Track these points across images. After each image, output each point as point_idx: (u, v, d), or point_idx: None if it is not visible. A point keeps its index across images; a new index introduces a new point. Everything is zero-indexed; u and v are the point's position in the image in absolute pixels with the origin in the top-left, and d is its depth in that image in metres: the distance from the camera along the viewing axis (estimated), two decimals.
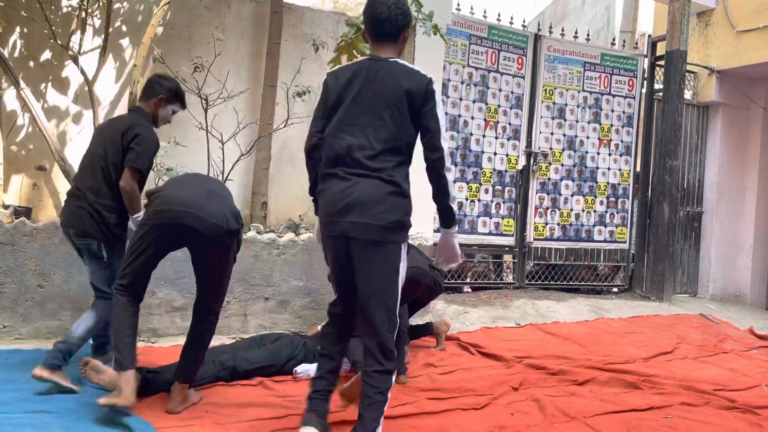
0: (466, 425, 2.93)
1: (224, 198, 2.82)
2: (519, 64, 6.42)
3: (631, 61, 7.01)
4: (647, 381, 3.77)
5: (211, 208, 2.69)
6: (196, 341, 2.88)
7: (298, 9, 5.68)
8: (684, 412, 3.29)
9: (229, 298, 4.33)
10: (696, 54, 7.46)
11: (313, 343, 3.66)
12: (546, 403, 3.22)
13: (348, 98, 2.50)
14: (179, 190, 2.77)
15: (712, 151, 7.61)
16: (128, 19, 5.08)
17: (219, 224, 2.68)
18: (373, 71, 2.50)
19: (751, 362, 4.54)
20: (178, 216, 2.67)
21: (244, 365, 3.36)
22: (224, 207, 2.75)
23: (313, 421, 2.46)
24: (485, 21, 6.23)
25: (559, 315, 5.67)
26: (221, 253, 2.77)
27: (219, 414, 2.81)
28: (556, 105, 6.65)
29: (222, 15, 5.37)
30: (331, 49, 5.10)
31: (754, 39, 6.91)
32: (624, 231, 7.03)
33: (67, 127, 4.92)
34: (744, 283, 7.63)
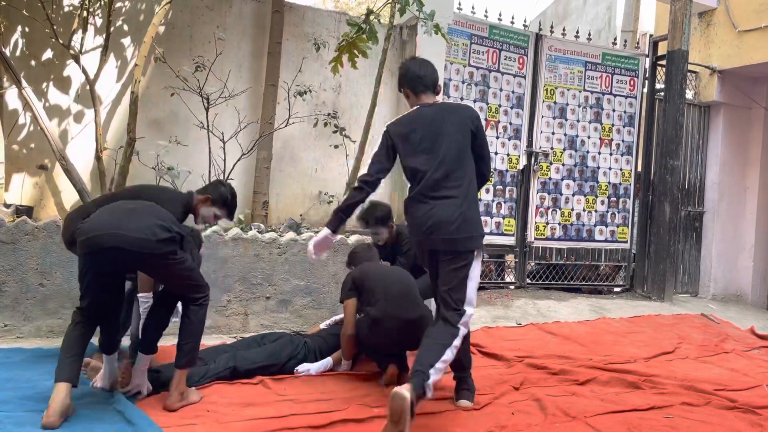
0: (467, 425, 2.93)
1: (148, 213, 2.78)
2: (520, 64, 6.42)
3: (633, 61, 7.00)
4: (648, 381, 3.76)
5: (133, 224, 2.67)
6: (186, 326, 2.89)
7: (300, 8, 5.67)
8: (685, 412, 3.29)
9: (230, 297, 4.33)
10: (697, 54, 7.45)
11: (314, 343, 3.66)
12: (547, 403, 3.22)
13: (414, 140, 3.03)
14: (99, 216, 2.75)
15: (713, 150, 7.61)
16: (130, 18, 5.08)
17: (145, 237, 2.65)
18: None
19: (752, 362, 4.54)
20: (99, 241, 2.66)
21: (244, 365, 3.36)
22: (149, 221, 2.71)
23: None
24: (486, 20, 6.23)
25: (560, 315, 5.67)
26: (162, 261, 2.74)
27: (220, 413, 2.81)
28: (557, 104, 6.65)
29: (223, 14, 5.37)
30: (332, 49, 5.10)
31: (756, 39, 6.90)
32: (625, 231, 7.03)
33: (69, 126, 4.92)
34: (745, 283, 7.63)
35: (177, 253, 2.78)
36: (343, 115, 5.69)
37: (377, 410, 2.95)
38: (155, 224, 2.72)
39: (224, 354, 3.41)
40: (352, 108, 5.86)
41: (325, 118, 5.37)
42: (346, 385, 3.35)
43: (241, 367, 3.34)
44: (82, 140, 4.92)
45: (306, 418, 2.76)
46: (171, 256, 2.75)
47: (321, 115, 5.40)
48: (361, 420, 2.82)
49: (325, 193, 5.63)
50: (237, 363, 3.34)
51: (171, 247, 2.75)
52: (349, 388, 3.31)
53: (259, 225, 4.95)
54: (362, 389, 3.29)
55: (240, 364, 3.35)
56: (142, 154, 4.67)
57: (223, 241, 4.29)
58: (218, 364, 3.30)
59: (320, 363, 3.55)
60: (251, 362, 3.39)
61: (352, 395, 3.16)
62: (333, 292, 4.53)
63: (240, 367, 3.34)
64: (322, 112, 5.50)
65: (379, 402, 3.07)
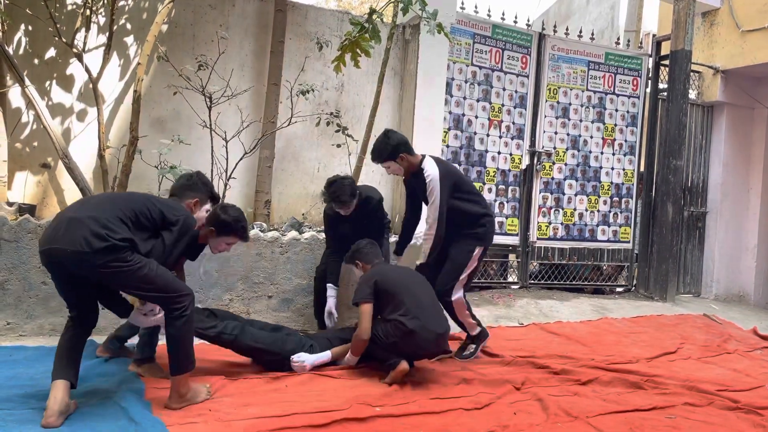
0: (468, 424, 2.92)
1: (84, 222, 2.59)
2: (523, 63, 6.41)
3: (636, 61, 6.99)
4: (650, 381, 3.76)
5: (68, 236, 2.56)
6: (169, 337, 2.80)
7: (302, 7, 5.67)
8: (687, 413, 3.29)
9: (231, 296, 4.34)
10: (701, 54, 7.44)
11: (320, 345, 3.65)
12: (549, 403, 3.22)
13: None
14: (46, 230, 2.68)
15: (716, 151, 7.59)
16: (133, 16, 5.08)
17: (80, 250, 2.52)
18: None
19: (754, 363, 4.53)
20: (47, 255, 2.63)
21: (246, 340, 3.37)
22: (83, 231, 2.56)
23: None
24: (489, 20, 6.22)
25: (562, 315, 5.66)
26: (109, 272, 2.59)
27: (222, 412, 2.81)
28: (560, 104, 6.64)
29: (226, 13, 5.37)
30: (334, 48, 5.10)
31: (759, 39, 6.89)
32: (627, 231, 7.02)
33: (72, 125, 4.92)
34: (748, 283, 7.61)
35: (125, 261, 2.59)
36: (345, 115, 5.69)
37: (379, 409, 2.95)
38: (90, 233, 2.54)
39: (233, 321, 3.43)
40: (354, 107, 5.86)
41: (327, 117, 5.37)
42: (347, 384, 3.35)
43: (242, 341, 3.35)
44: (85, 139, 4.93)
45: (307, 417, 2.76)
46: (113, 264, 2.57)
47: (323, 114, 5.40)
48: (363, 419, 2.83)
49: None
50: (241, 336, 3.35)
51: (110, 256, 2.56)
52: (350, 387, 3.31)
53: (261, 224, 4.95)
54: (363, 388, 3.29)
55: (243, 339, 3.36)
56: (144, 153, 4.67)
57: None
58: (226, 327, 3.32)
59: (317, 355, 3.54)
60: (254, 341, 3.40)
61: (354, 394, 3.16)
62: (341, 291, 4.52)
63: (241, 341, 3.35)
64: (324, 111, 5.50)
65: (380, 401, 3.07)
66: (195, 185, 3.20)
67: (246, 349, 3.37)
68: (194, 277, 4.21)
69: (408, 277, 3.69)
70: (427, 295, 3.60)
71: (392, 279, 3.57)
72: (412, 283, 3.62)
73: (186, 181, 3.22)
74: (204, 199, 3.22)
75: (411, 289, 3.53)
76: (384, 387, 3.31)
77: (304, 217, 5.57)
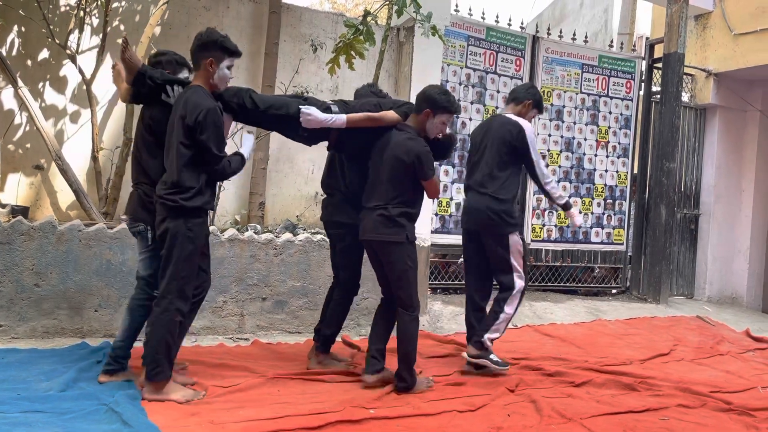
0: (462, 426, 2.93)
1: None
2: (517, 66, 6.43)
3: (629, 64, 7.02)
4: (644, 383, 3.77)
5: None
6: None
7: (297, 9, 5.68)
8: (680, 414, 3.30)
9: (225, 298, 4.33)
10: (693, 56, 7.48)
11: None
12: (543, 405, 3.22)
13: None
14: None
15: (709, 153, 7.63)
16: (126, 18, 5.07)
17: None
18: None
19: (747, 364, 4.55)
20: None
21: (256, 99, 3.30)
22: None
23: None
24: (483, 22, 6.23)
25: (556, 316, 5.67)
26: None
27: (215, 414, 2.80)
28: (554, 107, 6.66)
29: (221, 15, 5.37)
30: (329, 50, 5.10)
31: (752, 42, 6.93)
32: (621, 233, 7.04)
33: (65, 126, 4.90)
34: (740, 285, 7.65)
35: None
36: None
37: (373, 411, 2.96)
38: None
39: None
40: None
41: None
42: (341, 387, 3.35)
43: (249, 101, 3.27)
44: (79, 140, 4.91)
45: (301, 420, 2.76)
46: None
47: None
48: (357, 421, 2.82)
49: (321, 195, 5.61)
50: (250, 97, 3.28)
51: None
52: (344, 389, 3.31)
53: (255, 226, 4.95)
54: (357, 391, 3.29)
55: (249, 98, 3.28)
56: None
57: (219, 241, 4.29)
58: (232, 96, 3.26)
59: (330, 115, 3.30)
60: (263, 101, 3.32)
61: (348, 397, 3.16)
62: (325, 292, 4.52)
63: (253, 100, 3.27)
64: None
65: (374, 404, 3.07)
66: (205, 45, 3.04)
67: (254, 110, 3.27)
68: None
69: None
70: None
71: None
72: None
73: (196, 42, 3.07)
74: (219, 56, 3.04)
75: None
76: (378, 389, 3.31)
77: (299, 219, 5.57)
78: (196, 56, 3.06)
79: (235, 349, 3.94)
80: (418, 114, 3.44)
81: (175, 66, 3.32)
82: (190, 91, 3.01)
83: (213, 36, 3.04)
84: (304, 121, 3.23)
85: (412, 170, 3.32)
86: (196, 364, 3.50)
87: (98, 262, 3.97)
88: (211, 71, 3.03)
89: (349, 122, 3.31)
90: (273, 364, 3.62)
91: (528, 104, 3.96)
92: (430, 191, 3.43)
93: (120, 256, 4.03)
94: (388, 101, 3.70)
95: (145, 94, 3.14)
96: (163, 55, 3.37)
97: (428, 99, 3.39)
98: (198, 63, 3.06)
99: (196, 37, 3.08)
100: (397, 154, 3.33)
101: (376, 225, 3.32)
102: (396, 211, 3.31)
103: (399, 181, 3.34)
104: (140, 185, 3.19)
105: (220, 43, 3.03)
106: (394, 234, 3.31)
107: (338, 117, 3.29)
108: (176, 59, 3.36)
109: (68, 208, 4.83)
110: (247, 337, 4.30)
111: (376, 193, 3.38)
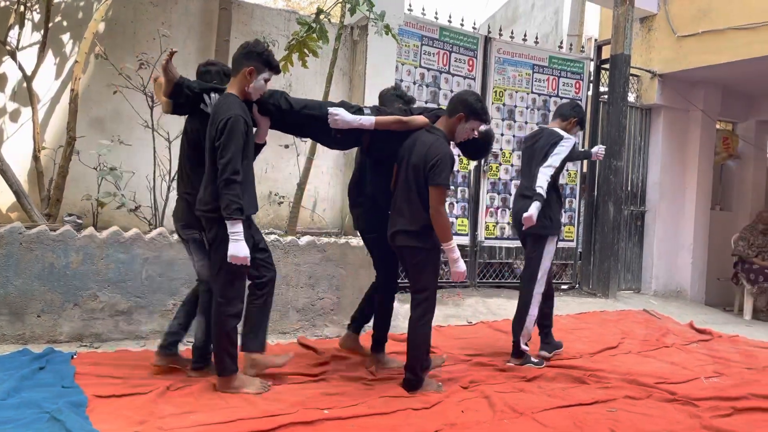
0: (417, 424, 2.94)
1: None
2: (470, 66, 6.49)
3: (578, 64, 7.18)
4: (593, 375, 3.87)
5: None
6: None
7: (248, 6, 5.59)
8: (628, 405, 3.40)
9: (176, 300, 4.21)
10: (639, 58, 7.70)
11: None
12: (495, 400, 3.27)
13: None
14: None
15: (654, 152, 7.88)
16: (69, 13, 4.89)
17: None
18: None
19: (691, 356, 4.72)
20: None
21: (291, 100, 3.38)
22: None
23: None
24: (437, 22, 6.27)
25: (509, 313, 5.71)
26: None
27: (165, 420, 2.73)
28: (506, 106, 6.76)
29: (168, 11, 5.24)
30: (282, 48, 5.05)
31: (694, 44, 7.18)
32: (572, 230, 7.19)
33: (5, 125, 4.70)
34: (685, 279, 7.92)
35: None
36: None
37: (327, 412, 2.94)
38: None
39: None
40: None
41: None
42: (294, 388, 3.32)
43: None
44: (19, 140, 4.71)
45: (253, 423, 2.72)
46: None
47: None
48: (311, 422, 2.80)
49: (276, 194, 5.55)
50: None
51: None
52: (297, 390, 3.27)
53: None
54: (311, 391, 3.26)
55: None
56: (82, 154, 4.51)
57: (168, 243, 4.19)
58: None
59: (359, 116, 3.36)
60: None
61: (301, 398, 3.13)
62: (282, 293, 4.47)
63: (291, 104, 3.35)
64: None
65: (328, 404, 3.05)
66: (249, 54, 3.16)
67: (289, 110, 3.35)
68: (136, 282, 4.09)
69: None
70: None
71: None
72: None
73: (241, 50, 3.19)
74: (260, 68, 3.15)
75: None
76: (332, 390, 3.29)
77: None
78: (237, 63, 3.17)
79: (185, 353, 3.84)
80: (450, 117, 3.49)
81: (222, 77, 3.45)
82: (222, 99, 3.14)
83: (258, 48, 3.19)
84: (331, 121, 3.29)
85: (428, 172, 3.31)
86: (145, 368, 3.41)
87: (40, 266, 3.83)
88: (248, 80, 3.14)
89: (378, 124, 3.37)
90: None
91: (573, 121, 4.40)
92: (434, 198, 3.29)
93: (63, 259, 3.89)
94: (418, 107, 3.86)
95: (184, 105, 3.30)
96: (213, 65, 3.54)
97: (464, 103, 3.45)
98: (238, 70, 3.16)
99: (242, 45, 3.22)
100: (421, 153, 3.35)
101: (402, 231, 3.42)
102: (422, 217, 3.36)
103: (423, 186, 3.35)
104: (187, 194, 3.34)
105: (265, 56, 3.17)
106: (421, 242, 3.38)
107: (366, 118, 3.35)
108: (224, 70, 3.51)
109: (8, 210, 4.64)
110: None
111: (403, 195, 3.43)
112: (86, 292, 3.95)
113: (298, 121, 3.41)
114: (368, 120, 3.34)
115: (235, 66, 3.18)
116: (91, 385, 3.06)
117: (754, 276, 7.28)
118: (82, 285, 3.94)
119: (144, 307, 4.12)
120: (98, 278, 3.98)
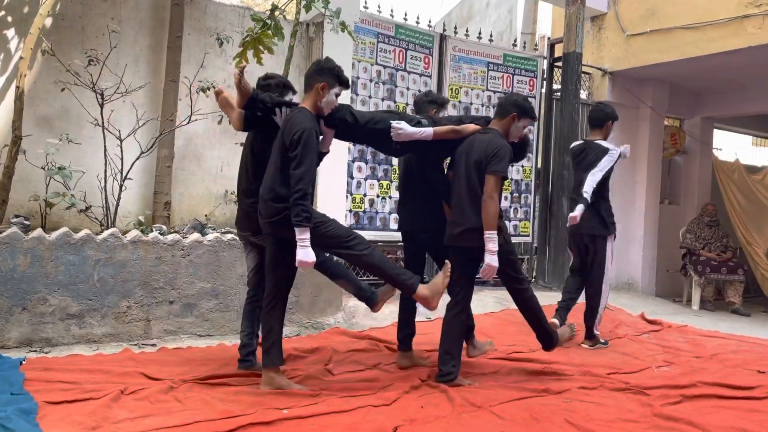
0: (377, 420, 2.94)
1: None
2: (426, 63, 6.53)
3: (532, 62, 7.30)
4: (549, 368, 3.95)
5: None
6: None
7: (201, 2, 5.49)
8: (582, 396, 3.47)
9: (129, 302, 4.14)
10: (591, 56, 7.87)
11: None
12: (454, 395, 3.30)
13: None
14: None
15: None
16: (14, 8, 4.72)
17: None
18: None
19: (642, 346, 4.86)
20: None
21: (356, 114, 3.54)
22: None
23: None
24: (392, 20, 6.29)
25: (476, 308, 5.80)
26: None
27: (116, 426, 2.67)
28: (462, 104, 6.82)
29: (118, 5, 5.10)
30: (236, 44, 4.98)
31: (643, 42, 7.38)
32: (527, 225, 7.32)
33: None
34: (636, 272, 8.15)
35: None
36: None
37: (286, 411, 2.92)
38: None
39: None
40: None
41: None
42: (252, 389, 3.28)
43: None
44: None
45: (211, 425, 2.68)
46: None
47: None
48: (270, 422, 2.77)
49: (232, 193, 5.47)
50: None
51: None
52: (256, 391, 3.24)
53: (160, 227, 4.76)
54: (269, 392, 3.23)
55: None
56: (29, 153, 4.36)
57: (120, 244, 4.09)
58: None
59: (419, 129, 3.50)
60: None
61: (259, 398, 3.10)
62: (241, 293, 4.42)
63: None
64: None
65: (287, 404, 3.03)
66: (322, 70, 3.31)
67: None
68: (87, 284, 3.98)
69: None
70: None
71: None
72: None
73: (314, 67, 3.37)
74: (331, 83, 3.29)
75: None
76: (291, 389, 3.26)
77: (208, 218, 5.40)
78: (310, 79, 3.33)
79: (141, 356, 3.77)
80: (501, 119, 3.71)
81: (282, 89, 3.58)
82: (296, 112, 3.27)
83: (330, 64, 3.35)
84: (394, 135, 3.45)
85: (489, 160, 3.49)
86: (98, 373, 3.33)
87: None
88: (321, 95, 3.28)
89: (436, 135, 3.56)
90: (183, 371, 3.49)
91: (609, 124, 4.85)
92: (489, 186, 3.51)
93: (10, 261, 3.76)
94: (468, 116, 4.15)
95: (255, 117, 3.44)
96: (272, 78, 3.66)
97: (514, 104, 3.68)
98: (311, 85, 3.32)
99: (314, 62, 3.42)
100: (481, 149, 3.54)
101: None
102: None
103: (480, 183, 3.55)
104: (248, 203, 3.47)
105: (336, 72, 3.32)
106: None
107: (425, 130, 3.53)
108: (283, 82, 3.68)
109: None
110: (153, 343, 4.13)
111: (467, 195, 3.62)
112: (35, 295, 3.83)
113: (362, 133, 3.58)
114: (427, 132, 3.53)
115: (308, 82, 3.34)
116: (41, 391, 2.97)
117: (701, 267, 7.54)
118: (30, 288, 3.82)
119: (96, 310, 4.02)
120: (47, 281, 3.87)
